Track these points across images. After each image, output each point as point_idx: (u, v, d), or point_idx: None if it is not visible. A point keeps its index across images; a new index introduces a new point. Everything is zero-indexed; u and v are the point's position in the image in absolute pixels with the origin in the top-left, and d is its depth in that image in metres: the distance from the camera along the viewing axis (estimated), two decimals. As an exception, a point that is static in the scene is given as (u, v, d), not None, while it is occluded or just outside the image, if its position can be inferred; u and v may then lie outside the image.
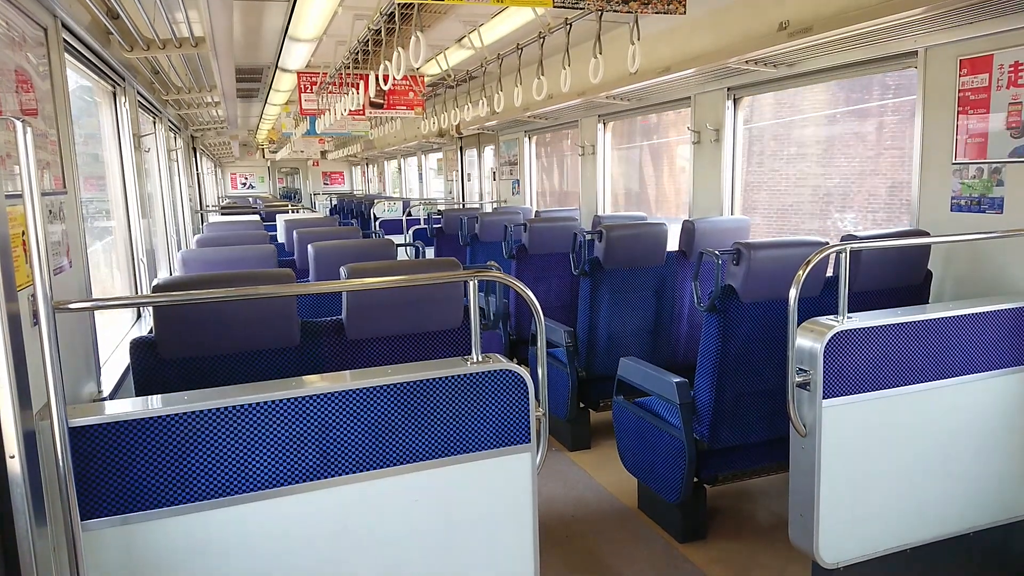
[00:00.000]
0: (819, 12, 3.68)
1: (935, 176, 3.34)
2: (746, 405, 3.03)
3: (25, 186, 1.46)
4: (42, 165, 2.35)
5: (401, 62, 4.25)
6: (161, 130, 6.63)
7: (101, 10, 3.31)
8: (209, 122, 9.67)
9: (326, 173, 23.43)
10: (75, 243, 2.69)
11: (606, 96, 5.52)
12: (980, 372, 2.65)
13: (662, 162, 6.61)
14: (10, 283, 1.68)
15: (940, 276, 3.32)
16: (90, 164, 4.27)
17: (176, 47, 4.18)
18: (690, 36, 4.84)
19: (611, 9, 3.33)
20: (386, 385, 1.88)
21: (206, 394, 1.77)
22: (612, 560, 3.06)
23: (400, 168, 15.61)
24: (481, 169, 10.32)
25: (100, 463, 1.65)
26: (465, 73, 7.32)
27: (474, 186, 10.73)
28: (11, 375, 1.64)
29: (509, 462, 2.02)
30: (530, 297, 2.06)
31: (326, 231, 4.23)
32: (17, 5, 2.26)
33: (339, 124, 9.34)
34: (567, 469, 3.98)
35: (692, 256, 4.10)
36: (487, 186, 10.12)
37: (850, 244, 2.54)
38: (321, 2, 4.62)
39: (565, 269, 4.98)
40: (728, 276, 2.94)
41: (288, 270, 2.40)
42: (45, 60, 2.56)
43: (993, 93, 3.04)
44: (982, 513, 2.74)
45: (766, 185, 5.11)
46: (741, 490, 3.65)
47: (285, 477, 1.81)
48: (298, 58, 6.48)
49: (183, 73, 6.06)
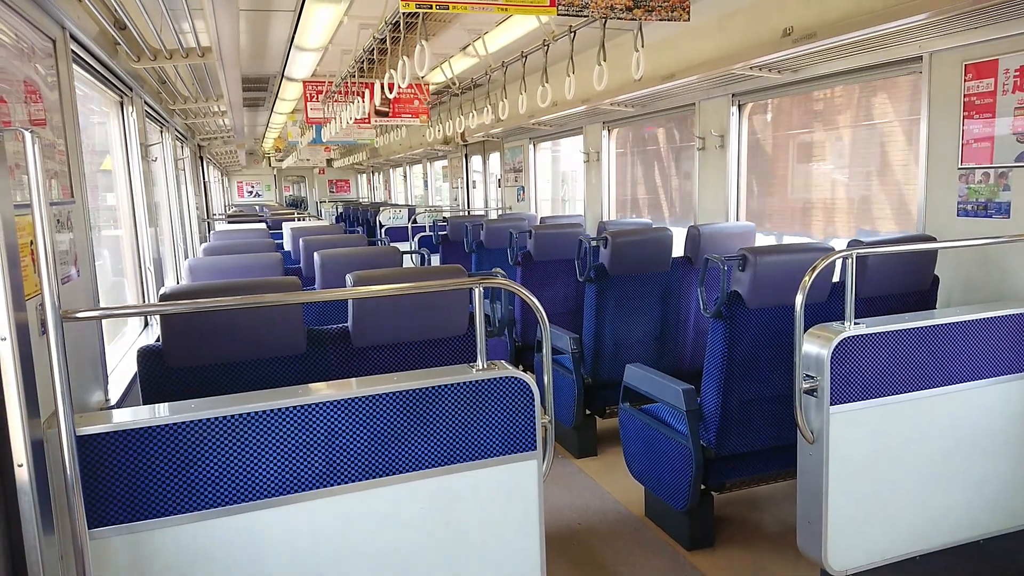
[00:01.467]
0: (823, 18, 3.68)
1: (941, 181, 3.34)
2: (753, 412, 3.02)
3: (33, 196, 1.47)
4: (50, 175, 2.36)
5: (406, 70, 4.27)
6: (168, 140, 6.67)
7: (109, 21, 3.34)
8: (216, 131, 9.71)
9: (332, 181, 23.51)
10: (83, 252, 2.71)
11: (610, 103, 5.53)
12: (988, 378, 2.63)
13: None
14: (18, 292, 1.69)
15: (947, 281, 3.30)
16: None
17: (183, 57, 4.21)
18: (694, 43, 4.84)
19: (615, 16, 3.34)
20: (392, 393, 1.88)
21: (213, 402, 1.78)
22: (619, 568, 3.04)
23: (406, 176, 15.65)
24: (486, 176, 10.34)
25: (107, 471, 1.66)
26: (470, 81, 7.34)
27: (479, 193, 10.75)
28: (19, 384, 1.65)
29: (515, 470, 2.02)
30: (535, 304, 2.06)
31: (332, 239, 4.25)
32: (26, 16, 2.28)
33: (345, 132, 9.38)
34: (573, 476, 3.97)
35: (698, 262, 4.10)
36: (492, 193, 10.13)
37: (856, 250, 2.53)
38: (326, 12, 4.66)
39: (570, 276, 4.98)
40: (734, 282, 2.93)
41: (294, 278, 2.41)
42: (53, 71, 2.58)
43: (999, 97, 3.03)
44: (992, 520, 2.71)
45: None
46: (749, 497, 3.63)
47: (292, 485, 1.81)
48: (304, 67, 6.52)
49: (190, 83, 6.09)
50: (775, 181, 4.93)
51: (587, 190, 6.94)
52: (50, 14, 2.55)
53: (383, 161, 15.99)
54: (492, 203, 9.85)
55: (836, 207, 4.54)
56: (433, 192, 13.69)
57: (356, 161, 17.68)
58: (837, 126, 4.49)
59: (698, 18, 4.30)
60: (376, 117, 7.26)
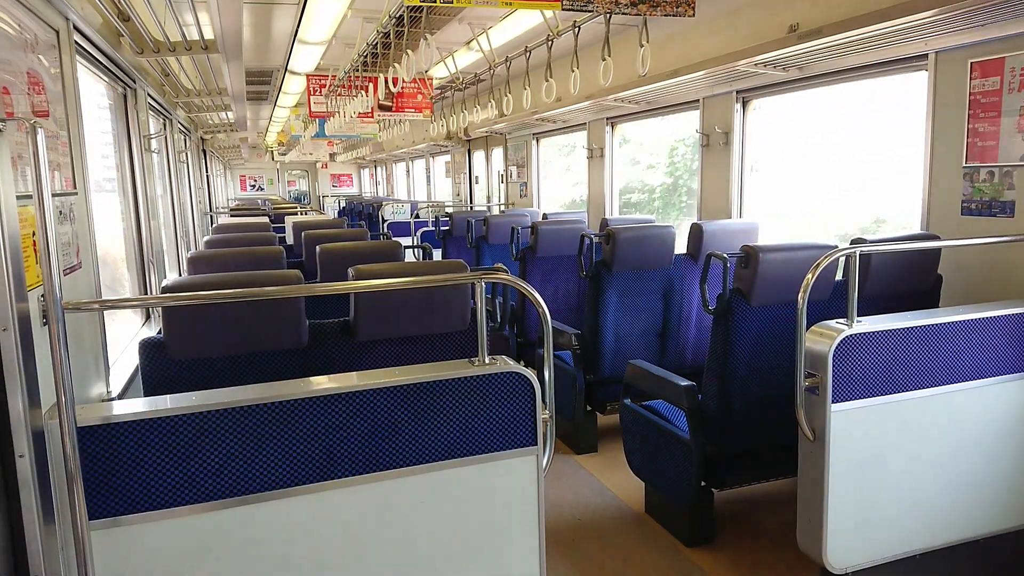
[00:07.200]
0: (829, 15, 3.67)
1: (945, 179, 3.32)
2: (754, 409, 3.01)
3: (36, 187, 1.47)
4: (53, 166, 2.36)
5: (410, 65, 4.26)
6: (171, 132, 6.67)
7: (112, 12, 3.33)
8: (219, 124, 9.72)
9: (335, 175, 23.50)
10: (85, 243, 2.71)
11: (614, 99, 5.52)
12: (990, 377, 2.63)
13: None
14: (20, 283, 1.69)
15: (950, 280, 3.29)
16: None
17: (186, 50, 4.20)
18: (699, 39, 4.83)
19: (620, 11, 3.33)
20: (393, 386, 1.88)
21: (214, 395, 1.78)
22: (618, 564, 3.05)
23: (408, 170, 15.64)
24: (489, 172, 10.33)
25: (108, 463, 1.66)
26: (473, 76, 7.33)
27: (482, 188, 10.74)
28: (21, 375, 1.65)
29: (516, 464, 2.02)
30: (537, 299, 2.06)
31: (334, 233, 4.24)
32: (29, 8, 2.28)
33: (348, 127, 9.37)
34: (574, 472, 3.97)
35: (700, 259, 4.09)
36: (495, 188, 10.13)
37: (859, 248, 2.52)
38: (330, 5, 4.65)
39: (572, 271, 4.97)
40: (736, 279, 2.93)
41: (296, 271, 2.41)
42: (57, 62, 2.58)
43: (1004, 96, 3.02)
44: (993, 519, 2.71)
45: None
46: (749, 494, 3.63)
47: (292, 478, 1.81)
48: (307, 61, 6.51)
49: (193, 76, 6.09)
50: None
51: (590, 186, 6.94)
52: (54, 5, 2.55)
53: (386, 156, 15.98)
54: (495, 199, 9.85)
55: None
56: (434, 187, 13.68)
57: (359, 155, 17.67)
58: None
59: (703, 14, 4.29)
60: (379, 111, 7.25)
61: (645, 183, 5.24)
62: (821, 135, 5.12)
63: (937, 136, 3.34)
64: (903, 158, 3.99)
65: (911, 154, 3.56)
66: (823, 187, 5.27)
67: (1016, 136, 2.99)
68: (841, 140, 5.01)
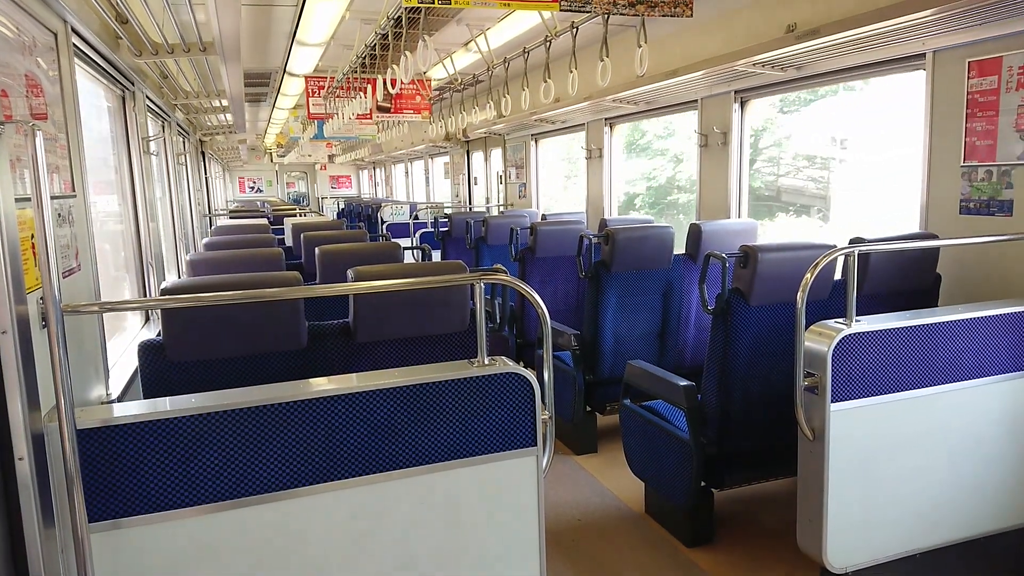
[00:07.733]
0: (827, 15, 3.67)
1: (943, 179, 3.33)
2: (754, 409, 3.02)
3: (35, 190, 1.47)
4: (52, 169, 2.36)
5: (408, 66, 4.26)
6: (170, 134, 6.67)
7: (110, 15, 3.33)
8: (217, 126, 9.72)
9: (333, 177, 23.50)
10: (84, 246, 2.71)
11: (613, 99, 5.52)
12: (990, 376, 2.63)
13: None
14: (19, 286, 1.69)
15: (949, 279, 3.30)
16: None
17: (184, 52, 4.20)
18: (697, 39, 4.83)
19: (617, 12, 3.33)
20: (393, 388, 1.88)
21: (214, 397, 1.78)
22: (618, 564, 3.04)
23: (407, 172, 15.64)
24: (488, 173, 10.33)
25: (108, 465, 1.66)
26: (472, 77, 7.33)
27: (481, 189, 10.74)
28: (20, 377, 1.65)
29: (515, 465, 2.02)
30: (536, 300, 2.06)
31: (333, 234, 4.24)
32: (27, 10, 2.28)
33: (347, 128, 9.37)
34: (573, 473, 3.97)
35: (699, 259, 4.09)
36: (494, 189, 10.13)
37: (858, 247, 2.52)
38: (328, 7, 4.65)
39: (572, 272, 4.97)
40: (735, 279, 2.93)
41: (295, 273, 2.41)
42: (55, 65, 2.58)
43: (1002, 95, 3.02)
44: (993, 518, 2.71)
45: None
46: (749, 494, 3.63)
47: (292, 480, 1.81)
48: (306, 62, 6.51)
49: (191, 78, 6.09)
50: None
51: (589, 187, 6.94)
52: (52, 7, 2.55)
53: (385, 157, 15.98)
54: (493, 200, 9.85)
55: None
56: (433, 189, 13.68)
57: (358, 157, 17.67)
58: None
59: (701, 14, 4.29)
60: (378, 113, 7.25)
61: (693, 179, 5.20)
62: (821, 135, 5.13)
63: (935, 135, 3.34)
64: (901, 158, 4.00)
65: (909, 154, 3.57)
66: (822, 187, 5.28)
67: (1014, 135, 2.99)
68: (841, 141, 5.01)
